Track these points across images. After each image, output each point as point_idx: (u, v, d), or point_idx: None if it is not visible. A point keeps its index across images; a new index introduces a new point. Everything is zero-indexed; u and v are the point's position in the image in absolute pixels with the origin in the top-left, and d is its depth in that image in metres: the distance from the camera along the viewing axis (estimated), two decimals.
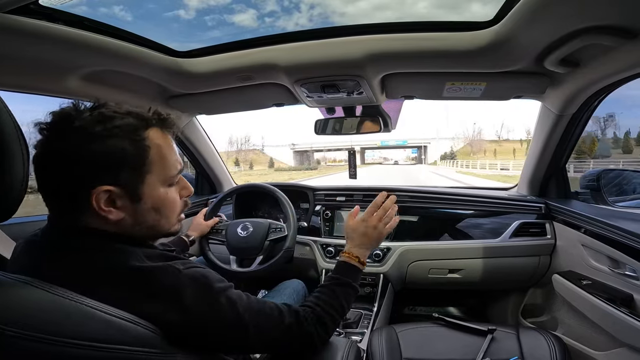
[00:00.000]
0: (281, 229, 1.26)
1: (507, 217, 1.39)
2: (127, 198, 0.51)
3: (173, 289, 0.48)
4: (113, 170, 0.49)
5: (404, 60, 0.94)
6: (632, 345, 0.86)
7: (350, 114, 1.27)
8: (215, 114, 1.46)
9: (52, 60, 0.84)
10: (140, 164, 0.51)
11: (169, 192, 0.56)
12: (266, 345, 0.59)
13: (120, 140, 0.49)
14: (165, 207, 0.56)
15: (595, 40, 0.71)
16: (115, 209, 0.50)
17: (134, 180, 0.51)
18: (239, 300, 0.54)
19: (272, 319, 0.58)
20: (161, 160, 0.53)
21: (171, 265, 0.50)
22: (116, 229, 0.52)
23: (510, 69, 0.93)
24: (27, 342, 0.38)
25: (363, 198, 1.54)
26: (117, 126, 0.49)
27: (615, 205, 1.23)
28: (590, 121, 1.20)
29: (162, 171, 0.54)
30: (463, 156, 46.49)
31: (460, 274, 1.40)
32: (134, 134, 0.51)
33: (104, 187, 0.48)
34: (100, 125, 0.48)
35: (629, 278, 0.91)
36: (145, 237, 0.56)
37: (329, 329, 0.66)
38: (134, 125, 0.51)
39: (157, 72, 1.02)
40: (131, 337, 0.44)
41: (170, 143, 0.56)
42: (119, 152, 0.49)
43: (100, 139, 0.48)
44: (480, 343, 0.94)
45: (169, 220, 0.58)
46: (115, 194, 0.49)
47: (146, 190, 0.52)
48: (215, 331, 0.51)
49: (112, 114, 0.50)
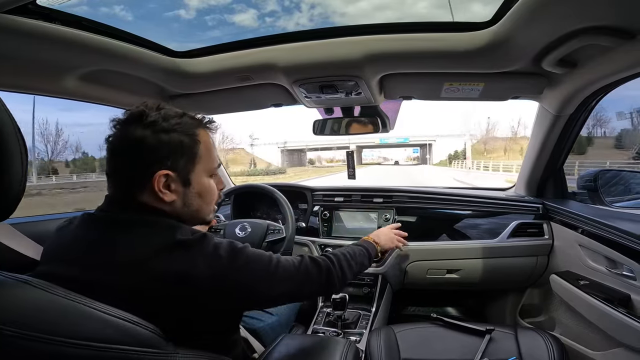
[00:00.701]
0: (279, 231, 1.26)
1: (504, 218, 1.39)
2: (179, 182, 0.60)
3: (214, 251, 0.56)
4: (173, 158, 0.58)
5: (402, 61, 0.94)
6: (629, 345, 0.87)
7: (348, 115, 1.28)
8: (214, 114, 1.46)
9: (49, 60, 0.84)
10: (192, 155, 0.61)
11: (210, 181, 0.66)
12: (296, 286, 0.66)
13: (180, 135, 0.59)
14: (208, 194, 0.65)
15: (593, 40, 0.72)
16: (169, 191, 0.59)
17: (187, 168, 0.61)
18: (261, 254, 0.63)
19: (293, 263, 0.66)
20: (207, 154, 0.63)
21: (211, 235, 0.59)
22: (169, 208, 0.60)
23: (508, 69, 0.93)
24: (26, 341, 0.38)
25: (361, 198, 1.54)
26: (179, 123, 0.60)
27: (612, 205, 1.23)
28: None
29: (207, 163, 0.64)
30: (475, 155, 38.97)
31: (459, 274, 1.40)
32: (190, 130, 0.61)
33: (164, 171, 0.57)
34: (166, 122, 0.58)
35: (626, 278, 0.92)
36: (189, 219, 0.64)
37: (345, 274, 0.76)
38: (190, 123, 0.61)
39: (155, 72, 1.01)
40: (130, 336, 0.44)
41: (213, 142, 0.67)
42: (179, 144, 0.59)
43: (166, 132, 0.58)
44: (478, 343, 0.95)
45: (209, 206, 0.67)
46: (171, 178, 0.59)
47: (195, 178, 0.62)
48: (247, 282, 0.58)
49: (172, 114, 0.60)
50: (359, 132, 1.27)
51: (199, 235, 0.57)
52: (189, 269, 0.53)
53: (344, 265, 0.76)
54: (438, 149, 44.94)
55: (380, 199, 1.51)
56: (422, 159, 52.91)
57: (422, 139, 47.36)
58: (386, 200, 1.50)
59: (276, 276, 0.62)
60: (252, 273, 0.59)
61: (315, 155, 59.52)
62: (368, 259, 0.89)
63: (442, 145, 44.04)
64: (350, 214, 1.55)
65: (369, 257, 0.89)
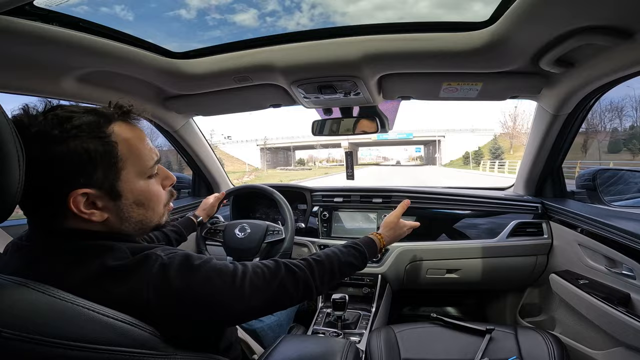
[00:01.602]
0: (279, 232, 1.26)
1: (504, 217, 1.39)
2: (106, 197, 0.50)
3: (159, 275, 0.47)
4: (83, 172, 0.47)
5: (400, 61, 0.94)
6: (629, 344, 0.87)
7: (347, 115, 1.28)
8: (212, 115, 1.46)
9: (47, 62, 0.83)
10: (111, 162, 0.49)
11: (149, 184, 0.55)
12: (267, 302, 0.57)
13: (82, 141, 0.47)
14: (149, 200, 0.55)
15: (590, 40, 0.72)
16: (97, 210, 0.50)
17: (109, 179, 0.50)
18: (224, 267, 0.54)
19: (263, 275, 0.57)
20: (133, 153, 0.52)
21: (153, 252, 0.49)
22: (104, 228, 0.51)
23: (506, 69, 0.93)
24: (23, 344, 0.37)
25: (361, 199, 1.54)
26: (76, 126, 0.47)
27: (611, 204, 1.23)
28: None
29: (137, 164, 0.53)
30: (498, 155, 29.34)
31: (458, 274, 1.40)
32: (97, 131, 0.49)
33: (79, 191, 0.47)
34: (58, 128, 0.46)
35: (625, 277, 0.92)
36: (135, 232, 0.55)
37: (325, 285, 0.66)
38: (94, 122, 0.49)
39: (153, 74, 1.01)
40: (129, 338, 0.44)
41: (140, 135, 0.54)
42: (83, 153, 0.47)
43: (60, 142, 0.46)
44: (478, 343, 0.94)
45: (155, 212, 0.57)
46: (93, 195, 0.49)
47: (124, 187, 0.51)
48: (209, 298, 0.50)
49: (68, 115, 0.48)
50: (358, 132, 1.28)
51: (140, 258, 0.48)
52: (128, 299, 0.45)
53: (326, 274, 0.66)
54: (449, 146, 36.41)
55: (379, 199, 1.51)
56: (427, 159, 46.34)
57: (429, 135, 39.01)
58: (385, 201, 1.50)
59: (244, 290, 0.53)
60: (214, 288, 0.50)
61: (306, 154, 53.62)
62: (362, 261, 0.77)
63: (453, 142, 35.62)
64: (349, 214, 1.55)
65: (363, 259, 0.77)
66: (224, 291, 0.51)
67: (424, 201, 1.48)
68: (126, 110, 0.53)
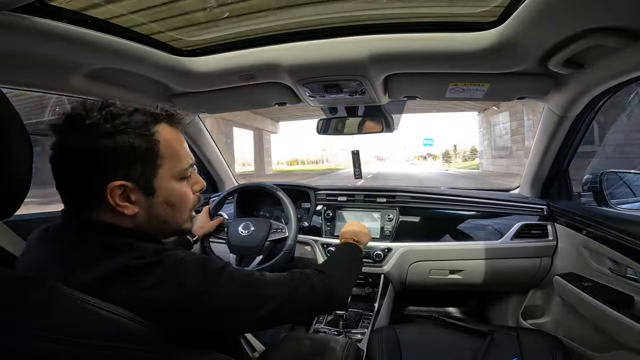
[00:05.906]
0: (282, 230, 1.27)
1: (508, 219, 1.38)
2: (140, 192, 0.53)
3: (177, 275, 0.49)
4: (124, 165, 0.51)
5: (407, 61, 0.94)
6: (632, 347, 0.86)
7: (352, 114, 1.28)
8: (218, 113, 1.46)
9: (56, 59, 0.84)
10: (151, 158, 0.53)
11: (181, 186, 0.58)
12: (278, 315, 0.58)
13: (129, 136, 0.51)
14: (178, 201, 0.57)
15: (600, 41, 0.71)
16: (130, 203, 0.52)
17: (146, 174, 0.53)
18: (239, 274, 0.56)
19: (278, 285, 0.59)
20: (172, 154, 0.55)
21: (174, 252, 0.51)
22: (132, 224, 0.54)
23: (513, 70, 0.92)
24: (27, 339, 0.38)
25: (364, 198, 1.54)
26: (125, 122, 0.51)
27: (617, 207, 1.22)
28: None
29: (174, 165, 0.56)
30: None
31: (461, 275, 1.39)
32: (143, 129, 0.52)
33: (117, 182, 0.50)
34: (109, 123, 0.50)
35: (630, 280, 0.91)
36: (158, 232, 0.57)
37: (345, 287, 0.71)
38: (142, 121, 0.53)
39: (160, 71, 1.02)
40: (128, 334, 0.44)
41: (180, 138, 0.58)
42: (128, 147, 0.50)
43: (109, 135, 0.50)
44: (480, 344, 0.95)
45: (182, 214, 0.59)
46: (129, 188, 0.51)
47: (159, 184, 0.54)
48: (226, 307, 0.52)
49: (121, 112, 0.52)
50: (363, 132, 1.28)
51: (160, 258, 0.49)
52: (147, 296, 0.46)
53: (338, 270, 0.72)
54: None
55: (383, 199, 1.51)
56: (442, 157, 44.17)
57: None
58: (389, 200, 1.50)
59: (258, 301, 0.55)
60: (232, 296, 0.52)
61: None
62: (362, 263, 0.85)
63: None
64: (353, 213, 1.55)
65: (362, 262, 0.85)
66: (239, 301, 0.53)
67: (429, 201, 1.47)
68: (171, 114, 0.57)
